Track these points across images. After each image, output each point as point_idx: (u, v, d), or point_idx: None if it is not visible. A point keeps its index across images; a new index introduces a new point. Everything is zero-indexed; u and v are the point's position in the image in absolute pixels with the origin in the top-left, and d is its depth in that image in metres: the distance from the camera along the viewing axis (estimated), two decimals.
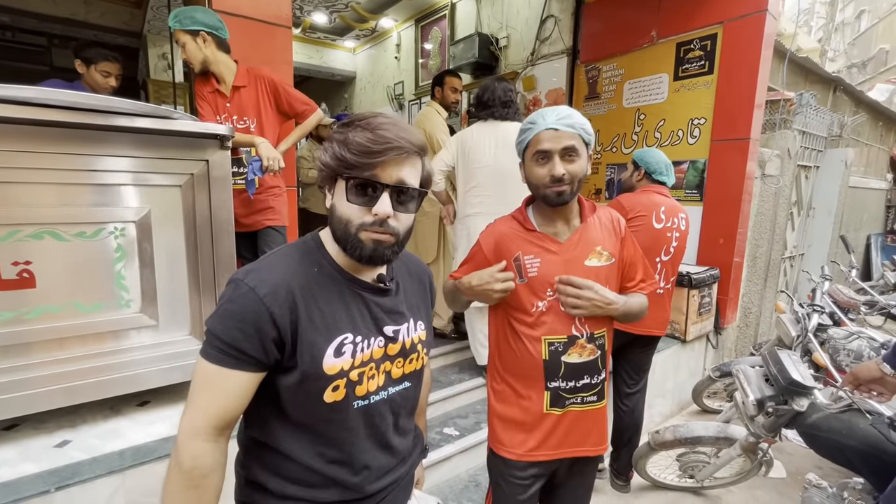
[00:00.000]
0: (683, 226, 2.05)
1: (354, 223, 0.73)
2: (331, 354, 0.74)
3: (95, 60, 2.32)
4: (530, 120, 1.13)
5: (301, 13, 5.23)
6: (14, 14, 4.33)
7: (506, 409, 1.21)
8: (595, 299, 1.08)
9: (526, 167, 1.17)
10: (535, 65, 4.10)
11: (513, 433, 1.19)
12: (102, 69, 2.34)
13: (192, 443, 0.69)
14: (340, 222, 0.75)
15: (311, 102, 2.11)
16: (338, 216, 0.75)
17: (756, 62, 2.78)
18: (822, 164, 4.46)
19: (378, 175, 0.72)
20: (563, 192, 1.09)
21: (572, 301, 1.09)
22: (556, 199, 1.10)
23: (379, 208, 0.72)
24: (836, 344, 2.37)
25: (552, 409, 1.16)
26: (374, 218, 0.73)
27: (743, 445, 1.80)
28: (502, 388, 1.22)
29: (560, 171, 1.07)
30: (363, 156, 0.71)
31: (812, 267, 4.18)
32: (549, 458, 1.18)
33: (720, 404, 3.00)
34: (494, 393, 1.25)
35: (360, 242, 0.74)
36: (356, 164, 0.71)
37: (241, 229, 1.92)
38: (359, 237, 0.74)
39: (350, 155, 0.71)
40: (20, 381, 1.35)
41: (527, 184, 1.18)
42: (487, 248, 1.19)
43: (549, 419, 1.16)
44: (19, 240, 1.31)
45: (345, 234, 0.74)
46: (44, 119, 1.27)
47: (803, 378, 1.53)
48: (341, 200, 0.74)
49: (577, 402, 1.16)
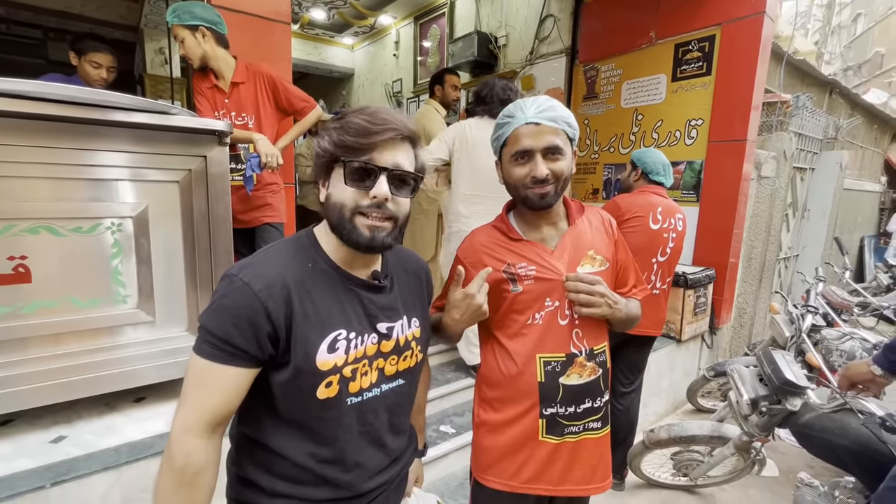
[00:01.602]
0: (680, 226, 2.06)
1: (349, 206, 0.74)
2: (324, 350, 0.74)
3: (86, 51, 2.27)
4: (507, 113, 1.01)
5: (300, 9, 5.20)
6: (9, 6, 4.28)
7: (494, 438, 1.05)
8: (607, 296, 0.97)
9: (503, 167, 1.04)
10: (534, 64, 4.10)
11: (504, 462, 1.04)
12: (92, 60, 2.29)
13: (185, 440, 0.68)
14: (335, 208, 0.75)
15: (310, 99, 2.11)
16: (333, 202, 0.76)
17: (753, 64, 2.80)
18: (818, 167, 4.49)
19: (375, 158, 0.74)
20: (547, 193, 0.97)
21: (585, 299, 0.96)
22: (539, 202, 0.98)
23: (377, 190, 0.73)
24: (830, 345, 2.39)
25: (548, 436, 1.02)
26: (372, 200, 0.74)
27: (736, 444, 1.82)
28: (490, 417, 1.07)
29: (543, 171, 0.95)
30: (362, 136, 0.73)
31: (806, 268, 4.22)
32: (549, 494, 1.04)
33: (714, 403, 3.02)
34: (480, 421, 1.09)
35: (356, 228, 0.74)
36: (354, 146, 0.73)
37: (238, 226, 1.91)
38: (354, 223, 0.74)
39: (349, 137, 0.73)
40: (15, 377, 1.34)
41: (505, 185, 1.06)
42: (472, 263, 1.04)
43: (544, 447, 1.02)
44: (15, 234, 1.31)
45: (340, 219, 0.75)
46: (39, 113, 1.26)
47: (797, 378, 1.54)
48: (338, 185, 0.75)
49: (577, 431, 1.03)
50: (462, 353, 2.49)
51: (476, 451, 1.11)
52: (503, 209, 1.13)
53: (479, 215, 2.20)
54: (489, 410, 1.08)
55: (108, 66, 2.35)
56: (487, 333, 1.11)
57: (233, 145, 1.90)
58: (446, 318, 1.00)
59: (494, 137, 1.06)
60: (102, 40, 2.37)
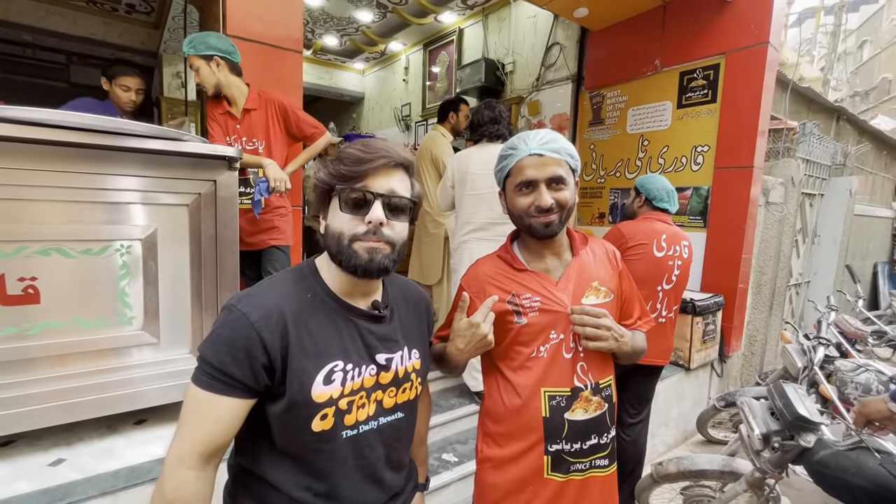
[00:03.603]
0: (686, 254, 2.04)
1: (347, 234, 0.75)
2: (320, 382, 0.74)
3: (115, 76, 2.39)
4: (510, 145, 1.02)
5: (313, 36, 5.37)
6: (36, 32, 4.47)
7: (498, 475, 1.03)
8: (613, 329, 0.96)
9: (508, 197, 1.04)
10: (541, 90, 4.17)
11: (509, 501, 1.02)
12: (122, 84, 2.39)
13: (177, 470, 0.68)
14: (334, 237, 0.76)
15: (319, 126, 2.15)
16: (332, 231, 0.77)
17: (758, 92, 2.82)
18: (827, 192, 4.47)
19: (369, 185, 0.75)
20: (552, 222, 0.97)
21: (592, 332, 0.94)
22: (544, 231, 0.98)
23: (372, 215, 0.74)
24: (844, 377, 2.32)
25: (553, 474, 1.00)
26: (368, 227, 0.75)
27: (749, 481, 1.75)
28: (493, 453, 1.05)
29: (548, 200, 0.96)
30: (355, 164, 0.74)
31: (818, 295, 4.14)
32: None
33: (726, 434, 2.93)
34: (484, 457, 1.07)
35: (354, 253, 0.75)
36: (349, 175, 0.75)
37: (245, 248, 1.94)
38: (353, 248, 0.75)
39: (343, 167, 0.75)
40: (20, 398, 1.35)
41: (508, 215, 1.06)
42: (476, 293, 1.03)
43: (549, 486, 1.00)
44: (27, 256, 1.33)
45: (338, 246, 0.76)
46: (57, 140, 1.30)
47: (810, 413, 1.50)
48: (335, 214, 0.77)
49: (583, 469, 1.01)
50: (466, 378, 2.46)
51: (480, 487, 1.08)
52: (507, 239, 1.12)
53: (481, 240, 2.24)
54: (493, 446, 1.06)
55: (137, 88, 2.45)
56: (491, 365, 1.09)
57: (242, 169, 1.93)
58: (450, 347, 0.98)
59: (498, 168, 1.06)
60: (131, 64, 2.48)
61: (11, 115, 1.24)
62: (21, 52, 5.41)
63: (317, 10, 4.71)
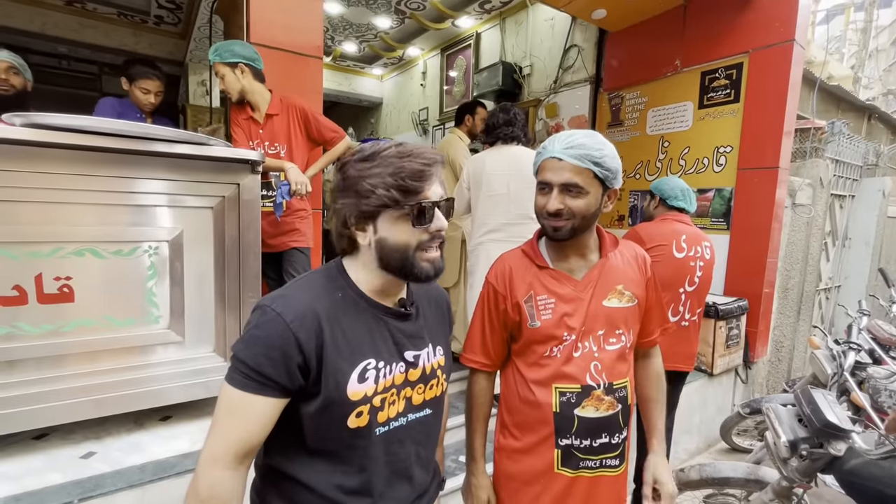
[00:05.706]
0: (708, 255, 2.00)
1: (413, 245, 0.76)
2: (355, 380, 0.75)
3: (136, 78, 2.42)
4: (544, 143, 1.05)
5: (332, 43, 5.47)
6: (71, 45, 4.69)
7: (512, 465, 1.08)
8: None
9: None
10: (558, 92, 4.15)
11: (520, 493, 1.06)
12: (141, 87, 2.42)
13: (211, 470, 0.69)
14: (397, 250, 0.76)
15: (339, 130, 2.19)
16: (392, 245, 0.76)
17: (784, 91, 2.75)
18: (858, 194, 4.31)
19: (430, 195, 0.76)
20: (559, 227, 0.98)
21: None
22: (552, 234, 1.01)
23: (437, 224, 0.77)
24: (877, 384, 2.23)
25: (563, 468, 1.02)
26: (433, 234, 0.77)
27: (775, 490, 1.70)
28: (508, 443, 1.09)
29: (554, 205, 0.97)
30: (418, 179, 0.74)
31: (849, 300, 3.99)
32: None
33: (751, 443, 2.85)
34: (500, 446, 1.12)
35: (416, 265, 0.77)
36: (415, 190, 0.74)
37: (267, 250, 1.98)
38: (415, 259, 0.77)
39: (409, 182, 0.74)
40: (53, 392, 1.41)
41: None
42: (502, 286, 1.07)
43: (559, 480, 1.03)
44: (62, 256, 1.39)
45: (403, 259, 0.76)
46: (90, 145, 1.36)
47: (839, 420, 1.44)
48: (395, 228, 0.76)
49: (593, 466, 1.03)
50: None
51: (496, 474, 1.14)
52: (534, 235, 1.13)
53: (498, 242, 2.23)
54: (508, 437, 1.10)
55: (156, 91, 2.48)
56: (508, 358, 1.12)
57: (265, 173, 1.98)
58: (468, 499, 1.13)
59: (533, 164, 1.08)
60: (152, 65, 2.49)
61: (48, 122, 1.31)
62: (56, 64, 5.68)
63: (336, 18, 4.79)
